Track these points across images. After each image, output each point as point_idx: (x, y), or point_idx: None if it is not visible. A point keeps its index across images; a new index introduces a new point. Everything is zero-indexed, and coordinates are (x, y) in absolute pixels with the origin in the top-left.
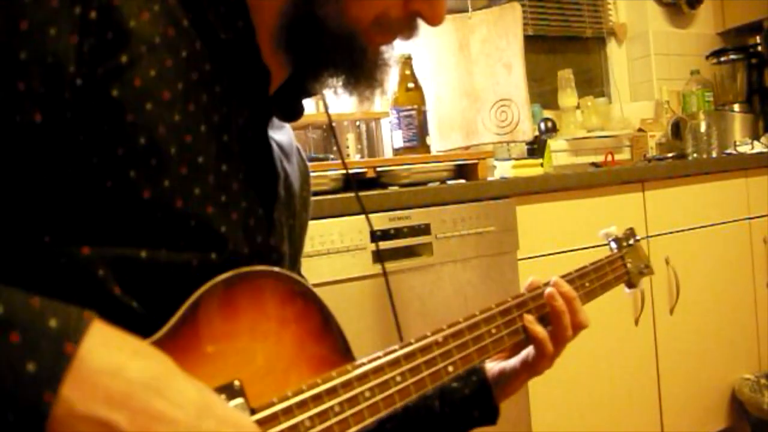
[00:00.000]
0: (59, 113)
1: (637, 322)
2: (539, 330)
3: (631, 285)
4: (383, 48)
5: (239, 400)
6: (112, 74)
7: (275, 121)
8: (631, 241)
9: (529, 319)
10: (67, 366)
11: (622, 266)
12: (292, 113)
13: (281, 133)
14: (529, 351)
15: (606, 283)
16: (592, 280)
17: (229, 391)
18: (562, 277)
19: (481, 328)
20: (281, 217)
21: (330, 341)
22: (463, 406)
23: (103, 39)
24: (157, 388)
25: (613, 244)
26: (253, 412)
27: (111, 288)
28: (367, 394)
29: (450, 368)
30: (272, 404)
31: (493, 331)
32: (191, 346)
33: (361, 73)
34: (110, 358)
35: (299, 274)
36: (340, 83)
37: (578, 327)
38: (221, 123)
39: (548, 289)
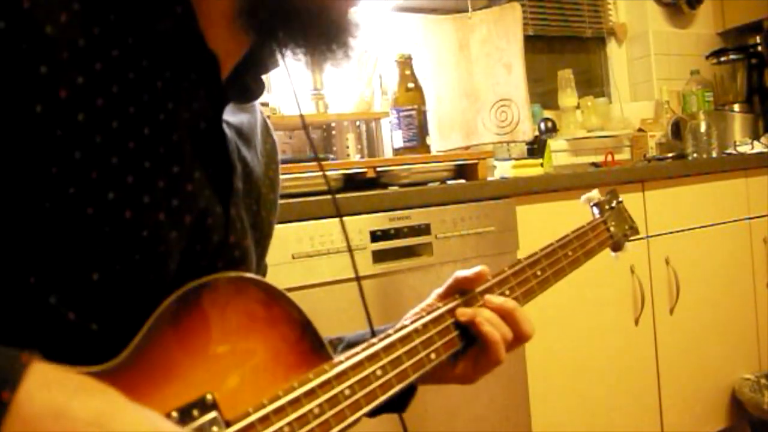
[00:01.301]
0: None
1: (637, 322)
2: (496, 333)
3: (616, 248)
4: (349, 9)
5: (213, 414)
6: (32, 88)
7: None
8: (614, 204)
9: (482, 322)
10: (4, 414)
11: (605, 231)
12: (252, 92)
13: (243, 114)
14: (460, 361)
15: (589, 250)
16: (575, 249)
17: (201, 405)
18: (544, 249)
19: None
20: (240, 211)
21: (304, 342)
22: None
23: (18, 50)
24: (102, 425)
25: (595, 210)
26: (228, 424)
27: (65, 314)
28: (347, 392)
29: (432, 356)
30: (248, 414)
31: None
32: (159, 363)
33: (327, 40)
34: (52, 399)
35: (264, 265)
36: (308, 53)
37: (523, 339)
38: (167, 121)
39: (477, 318)
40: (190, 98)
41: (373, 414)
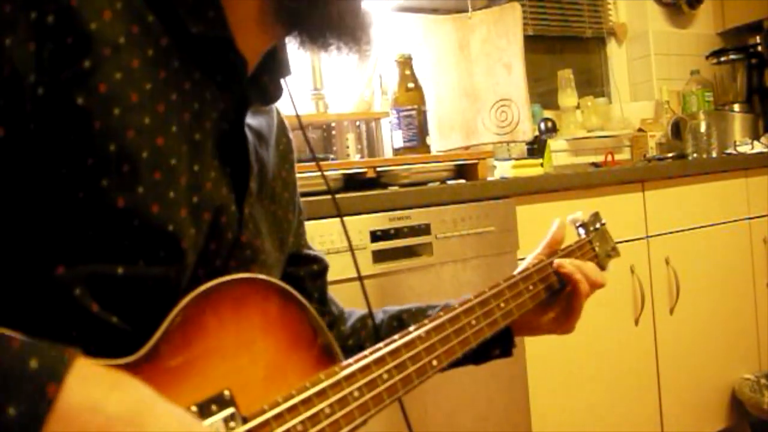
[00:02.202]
0: (22, 126)
1: (637, 322)
2: (572, 269)
3: (600, 268)
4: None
5: (230, 410)
6: (75, 81)
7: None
8: (598, 225)
9: (560, 263)
10: (48, 408)
11: (590, 250)
12: (272, 95)
13: (262, 116)
14: (554, 310)
15: None
16: None
17: (219, 401)
18: (535, 265)
19: (462, 321)
20: (254, 212)
21: (315, 343)
22: (486, 344)
23: (63, 44)
24: (135, 422)
25: (581, 230)
26: (245, 420)
27: (89, 306)
28: (356, 393)
29: (434, 362)
30: (263, 411)
31: (473, 322)
32: (178, 359)
33: (357, 33)
34: (89, 394)
35: (317, 257)
36: (333, 45)
37: (595, 285)
38: (193, 121)
39: (555, 261)
40: (216, 99)
41: (481, 361)
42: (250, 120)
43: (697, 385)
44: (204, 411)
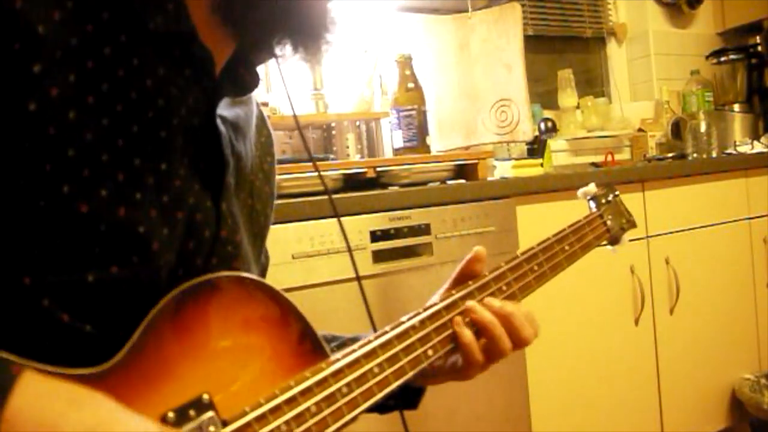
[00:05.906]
0: None
1: (637, 322)
2: (467, 335)
3: (614, 242)
4: (328, 5)
5: (209, 414)
6: (25, 87)
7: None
8: (610, 197)
9: (458, 322)
10: None
11: (601, 225)
12: (247, 85)
13: (239, 107)
14: (455, 357)
15: (586, 244)
16: (571, 243)
17: (197, 405)
18: (541, 243)
19: (459, 307)
20: (231, 207)
21: (301, 341)
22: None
23: (10, 50)
24: None
25: (592, 204)
26: (224, 424)
27: (58, 316)
28: (345, 390)
29: (429, 352)
30: (244, 413)
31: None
32: (154, 363)
33: (307, 35)
34: (45, 412)
35: (265, 252)
36: (288, 49)
37: (521, 343)
38: (156, 118)
39: (468, 303)
40: (185, 94)
41: (384, 410)
42: (225, 112)
43: (697, 385)
44: (181, 416)
